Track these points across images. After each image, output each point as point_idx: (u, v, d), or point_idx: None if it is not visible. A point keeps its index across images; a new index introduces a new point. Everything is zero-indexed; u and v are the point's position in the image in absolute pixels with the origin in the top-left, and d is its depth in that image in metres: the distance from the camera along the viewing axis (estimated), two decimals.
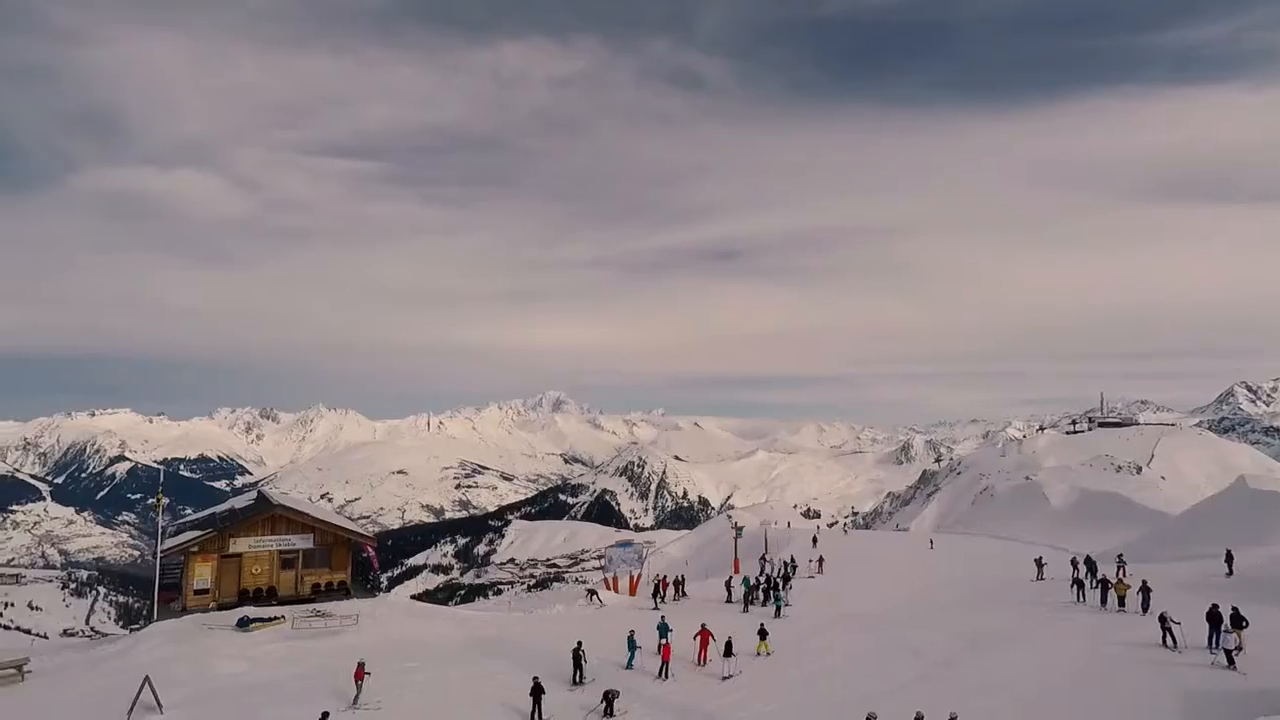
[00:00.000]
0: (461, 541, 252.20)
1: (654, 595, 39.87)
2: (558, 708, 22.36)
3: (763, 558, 51.60)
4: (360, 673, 23.16)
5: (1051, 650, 26.24)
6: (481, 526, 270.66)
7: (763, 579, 41.86)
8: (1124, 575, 33.96)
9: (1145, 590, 29.83)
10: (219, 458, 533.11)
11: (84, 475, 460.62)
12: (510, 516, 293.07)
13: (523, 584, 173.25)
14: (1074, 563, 38.73)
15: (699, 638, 27.34)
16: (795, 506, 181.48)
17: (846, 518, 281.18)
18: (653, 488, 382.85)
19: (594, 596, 40.76)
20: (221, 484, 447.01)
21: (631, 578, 44.47)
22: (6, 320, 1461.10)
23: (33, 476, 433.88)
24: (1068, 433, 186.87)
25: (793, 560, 48.35)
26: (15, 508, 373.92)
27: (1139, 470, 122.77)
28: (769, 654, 27.78)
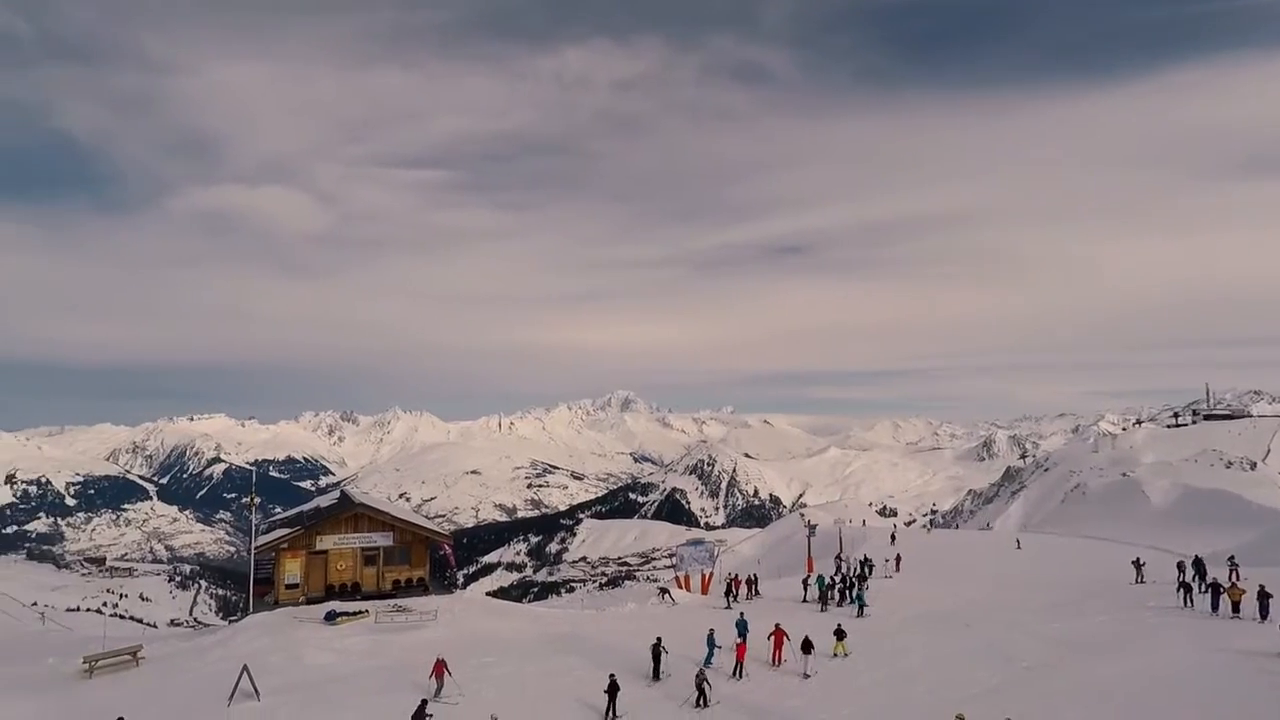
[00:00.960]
0: (534, 540, 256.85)
1: (727, 594, 39.50)
2: (638, 702, 22.49)
3: (838, 556, 50.39)
4: (440, 667, 23.79)
5: (1154, 657, 24.57)
6: (553, 525, 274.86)
7: (837, 578, 40.89)
8: (1238, 579, 31.50)
9: (1264, 596, 27.59)
10: (304, 459, 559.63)
11: (185, 476, 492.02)
12: (581, 515, 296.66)
13: (594, 582, 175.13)
14: (1180, 565, 36.08)
15: (773, 637, 26.86)
16: (870, 504, 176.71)
17: (926, 516, 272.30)
18: (723, 486, 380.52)
19: (666, 595, 40.69)
20: (307, 484, 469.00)
21: (703, 576, 44.19)
22: (116, 334, 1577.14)
23: (141, 477, 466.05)
24: (1169, 426, 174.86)
25: (867, 559, 47.06)
26: (126, 506, 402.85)
27: (1253, 466, 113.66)
28: (846, 655, 27.05)
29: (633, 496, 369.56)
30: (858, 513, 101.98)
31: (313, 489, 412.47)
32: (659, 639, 25.93)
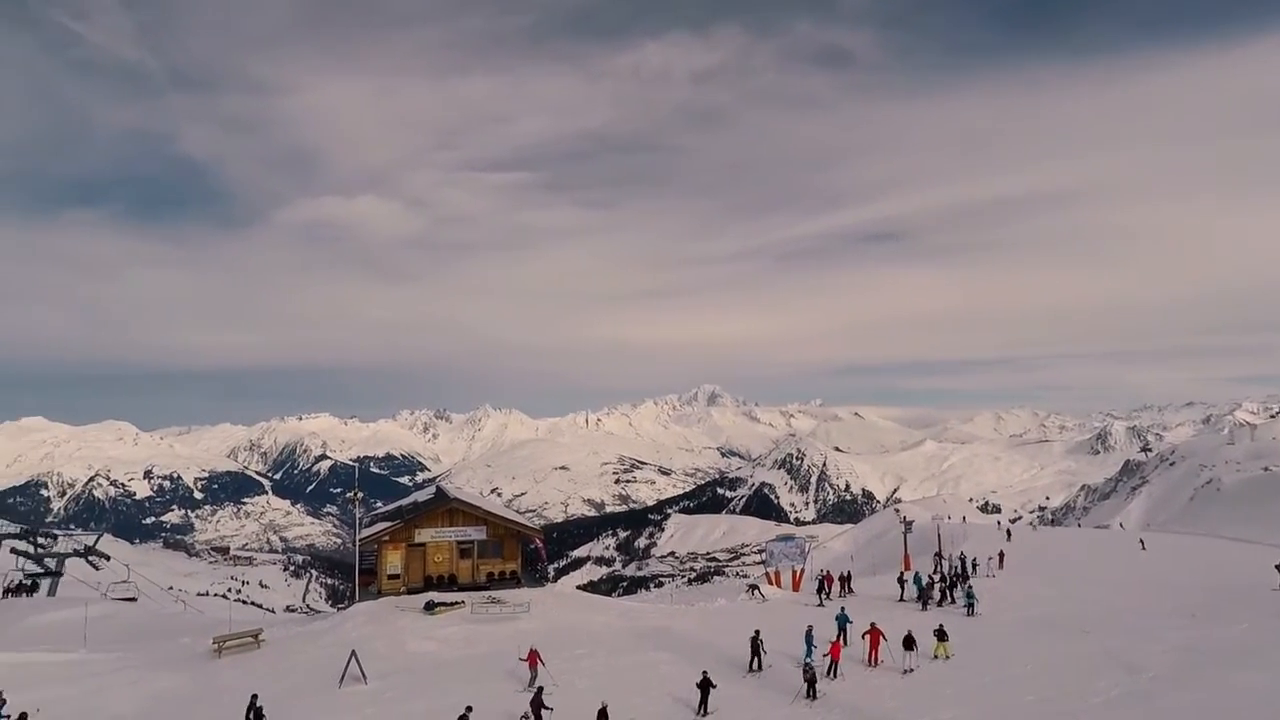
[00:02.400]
0: (622, 534, 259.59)
1: (819, 591, 38.54)
2: (737, 693, 22.41)
3: (937, 554, 48.27)
4: (534, 657, 24.27)
5: None
6: (641, 520, 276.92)
7: (936, 576, 39.17)
8: None
9: None
10: (401, 456, 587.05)
11: (296, 472, 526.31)
12: (669, 510, 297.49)
13: (683, 577, 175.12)
14: None
15: (869, 636, 25.97)
16: (970, 500, 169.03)
17: (1033, 513, 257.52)
18: (813, 480, 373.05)
19: (756, 591, 40.13)
20: (405, 479, 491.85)
21: (794, 573, 43.31)
22: (233, 339, 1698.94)
23: (257, 473, 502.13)
24: None
25: (964, 556, 44.80)
26: (245, 500, 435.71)
27: None
28: (948, 657, 25.82)
29: (720, 491, 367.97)
30: (957, 509, 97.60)
31: (410, 484, 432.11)
32: (757, 631, 25.83)
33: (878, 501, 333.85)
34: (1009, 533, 59.72)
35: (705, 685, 21.59)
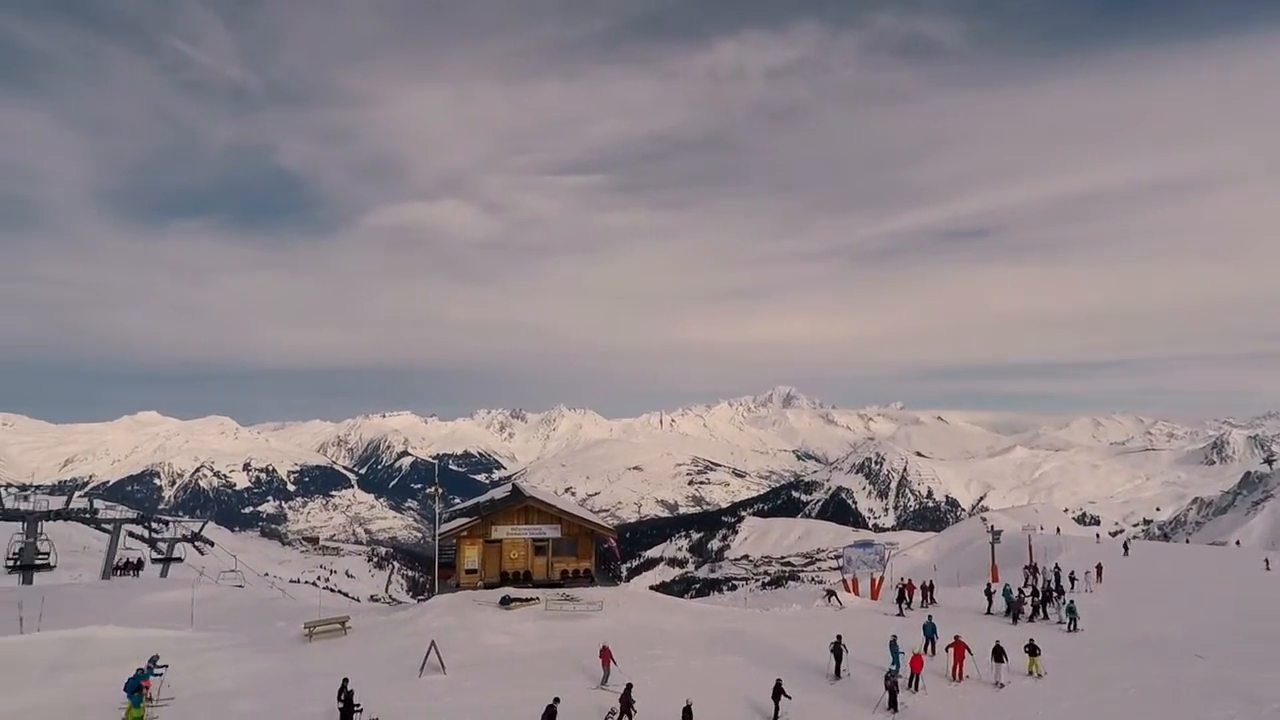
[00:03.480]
0: (695, 536, 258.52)
1: (899, 600, 37.15)
2: (815, 701, 22.03)
3: (1030, 566, 45.60)
4: (607, 655, 24.35)
5: None
6: (715, 522, 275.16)
7: (1028, 590, 37.08)
8: None
9: None
10: (478, 454, 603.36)
11: (379, 467, 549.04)
12: (743, 513, 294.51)
13: (756, 581, 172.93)
14: None
15: (953, 649, 24.81)
16: (1066, 510, 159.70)
17: (1137, 526, 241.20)
18: (892, 486, 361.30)
19: (833, 598, 39.05)
20: (481, 477, 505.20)
21: (873, 580, 41.93)
22: (321, 339, 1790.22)
23: (344, 468, 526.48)
24: None
25: (1060, 569, 42.17)
26: (333, 493, 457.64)
27: None
28: (1040, 675, 24.37)
29: (796, 495, 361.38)
30: (1050, 519, 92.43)
31: (486, 482, 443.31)
32: (839, 637, 25.33)
33: (962, 509, 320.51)
34: (1126, 546, 55.22)
35: (778, 693, 21.12)
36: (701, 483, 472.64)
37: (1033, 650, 24.74)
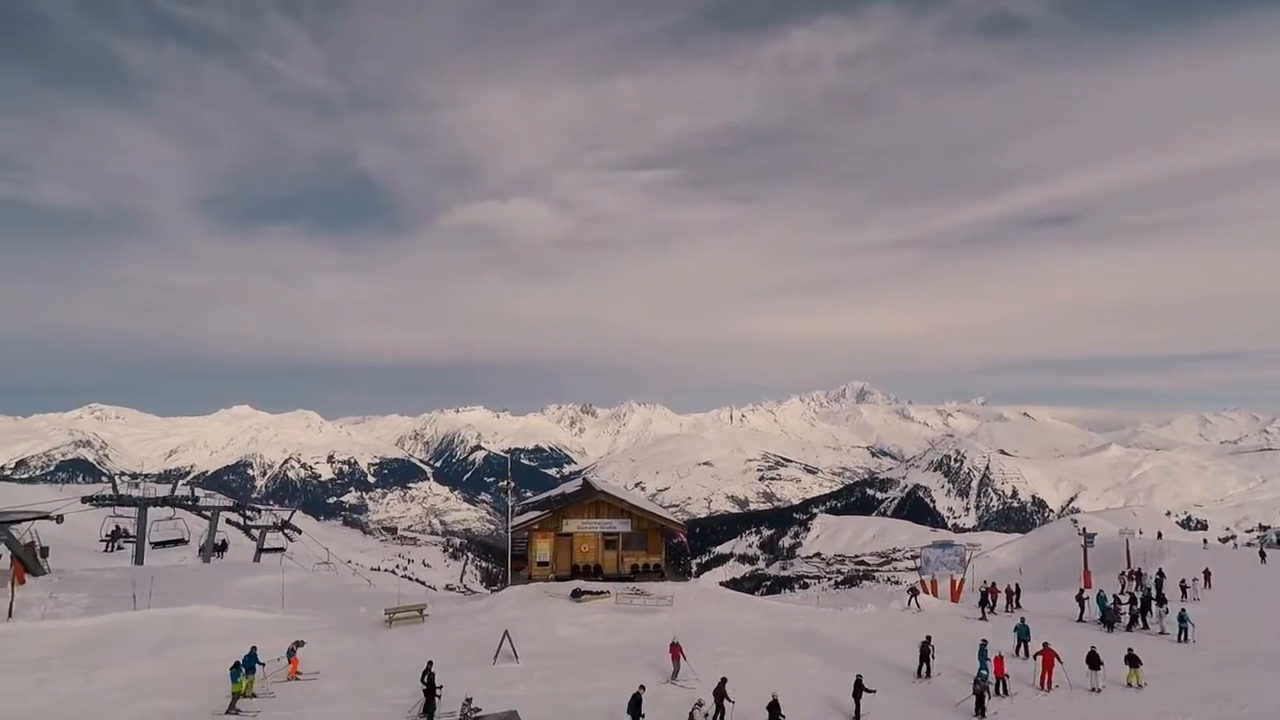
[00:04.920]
0: (766, 533, 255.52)
1: (981, 604, 35.61)
2: (898, 704, 21.54)
3: (1130, 572, 42.82)
4: (677, 651, 24.26)
5: None
6: (786, 519, 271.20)
7: (1124, 596, 34.86)
8: None
9: None
10: (549, 448, 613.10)
11: (454, 461, 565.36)
12: (815, 510, 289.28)
13: (829, 579, 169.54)
14: None
15: (1041, 657, 23.55)
16: (1168, 514, 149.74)
17: (1250, 532, 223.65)
18: (974, 484, 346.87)
19: (914, 598, 37.77)
20: (552, 471, 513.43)
21: (953, 582, 40.36)
22: (399, 336, 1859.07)
23: (420, 461, 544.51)
24: None
25: (1163, 575, 39.43)
26: (410, 485, 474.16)
27: None
28: (1141, 686, 22.84)
29: (870, 492, 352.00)
30: (1150, 523, 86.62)
31: (557, 476, 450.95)
32: (929, 637, 24.83)
33: (1051, 510, 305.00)
34: (1263, 554, 49.98)
35: (859, 691, 20.62)
36: (772, 479, 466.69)
37: (1133, 660, 23.20)
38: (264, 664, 23.15)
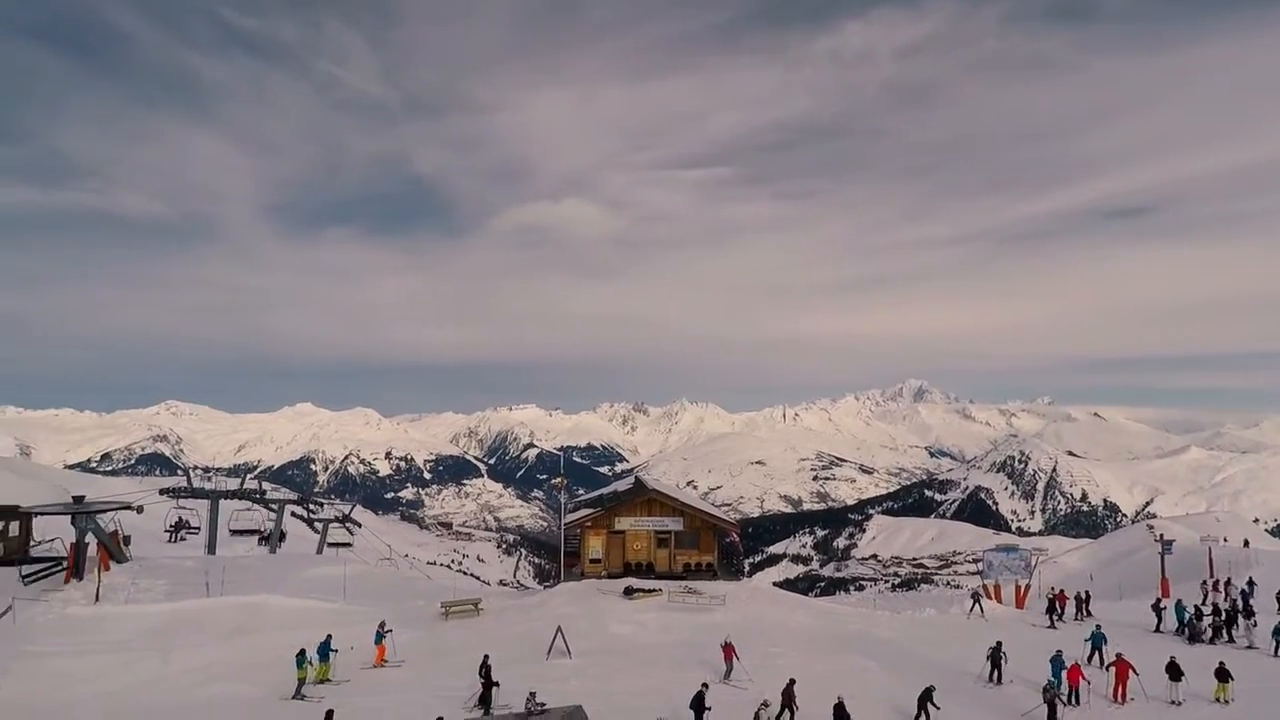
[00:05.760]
0: (820, 533, 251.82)
1: (1049, 611, 34.17)
2: (965, 713, 20.92)
3: (1214, 581, 40.38)
4: (730, 651, 24.04)
5: None
6: (840, 519, 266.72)
7: (1207, 607, 32.97)
8: None
9: None
10: (601, 446, 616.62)
11: (507, 458, 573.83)
12: (871, 510, 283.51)
13: (886, 582, 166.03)
14: None
15: (1113, 668, 22.44)
16: (1256, 521, 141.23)
17: None
18: (1039, 487, 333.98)
19: (977, 603, 36.54)
20: (604, 469, 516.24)
21: (1018, 588, 38.90)
22: (453, 335, 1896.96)
23: (474, 458, 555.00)
24: None
25: (1252, 584, 37.13)
26: (465, 482, 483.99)
27: None
28: (1227, 702, 21.57)
29: (929, 493, 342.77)
30: (1236, 530, 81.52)
31: (609, 474, 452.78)
32: (999, 643, 24.15)
33: (1124, 515, 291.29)
34: None
35: (927, 700, 20.03)
36: (826, 478, 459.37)
37: (1224, 675, 21.85)
38: (336, 651, 23.94)
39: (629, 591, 34.13)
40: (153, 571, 35.22)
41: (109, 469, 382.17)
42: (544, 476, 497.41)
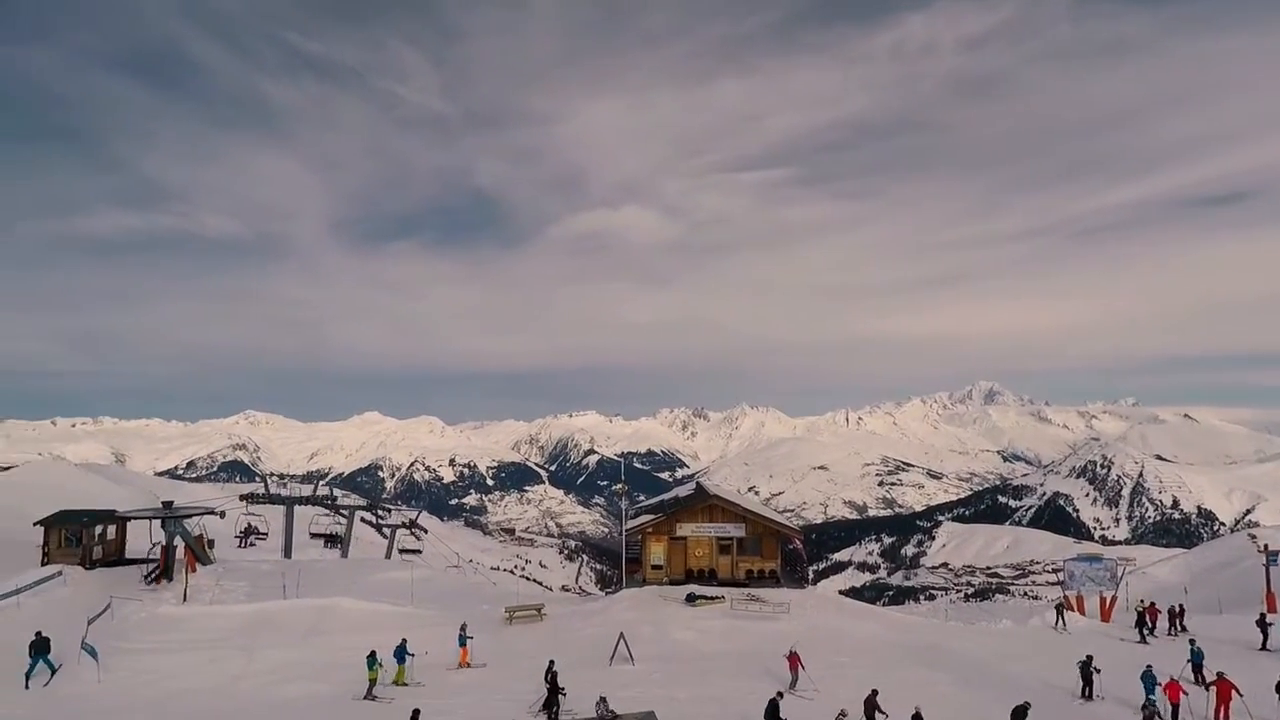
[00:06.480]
0: (887, 540, 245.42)
1: (1138, 625, 32.22)
2: None
3: None
4: (795, 660, 23.52)
5: None
6: (908, 526, 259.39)
7: None
8: None
9: None
10: (661, 452, 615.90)
11: (568, 465, 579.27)
12: (940, 517, 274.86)
13: (958, 591, 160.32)
14: None
15: (1214, 688, 20.92)
16: None
17: None
18: (1124, 493, 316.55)
19: (1060, 616, 34.78)
20: (665, 475, 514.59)
21: (1103, 600, 36.84)
22: (514, 343, 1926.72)
23: (536, 465, 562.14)
24: None
25: None
26: (526, 488, 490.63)
27: None
28: None
29: (1002, 500, 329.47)
30: None
31: (669, 480, 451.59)
32: (1090, 657, 22.97)
33: (1221, 523, 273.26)
34: None
35: (1020, 716, 19.03)
36: (892, 484, 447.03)
37: None
38: (413, 655, 24.52)
39: (691, 598, 33.85)
40: (234, 574, 36.92)
41: (194, 476, 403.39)
42: (604, 483, 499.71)
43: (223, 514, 38.68)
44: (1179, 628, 33.02)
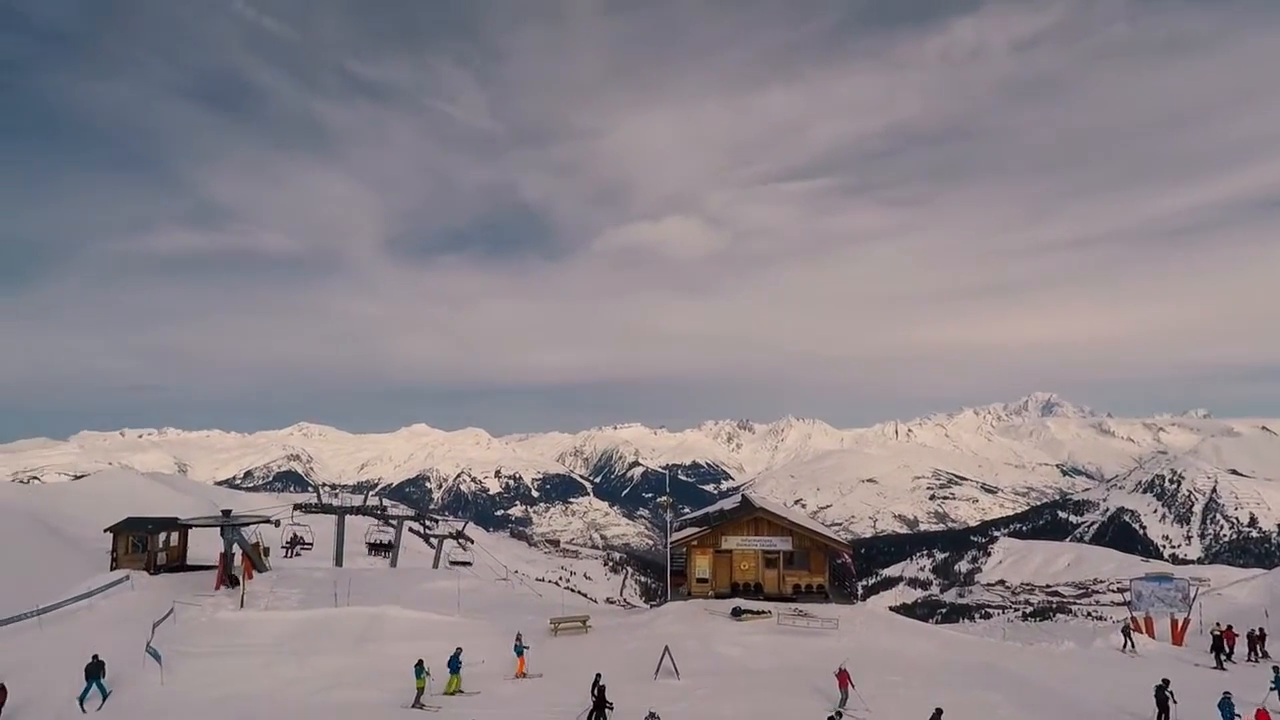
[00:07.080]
0: (939, 556, 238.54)
1: (1214, 650, 30.50)
2: None
3: None
4: (845, 678, 22.94)
5: None
6: (962, 541, 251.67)
7: None
8: None
9: None
10: (706, 464, 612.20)
11: (613, 477, 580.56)
12: (996, 532, 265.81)
13: (1015, 610, 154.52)
14: None
15: None
16: None
17: None
18: (1196, 509, 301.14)
19: (1128, 638, 33.20)
20: (710, 487, 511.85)
21: (1174, 622, 35.01)
22: (560, 356, 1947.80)
23: (581, 476, 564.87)
24: None
25: None
26: (571, 500, 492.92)
27: None
28: None
29: (1062, 515, 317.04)
30: None
31: (715, 492, 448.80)
32: (1166, 680, 21.81)
33: None
34: None
35: None
36: (945, 498, 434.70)
37: None
38: (463, 663, 24.71)
39: (737, 612, 33.36)
40: (289, 581, 37.89)
41: (250, 485, 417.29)
42: (649, 495, 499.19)
43: (278, 523, 39.85)
44: (1259, 653, 31.19)
